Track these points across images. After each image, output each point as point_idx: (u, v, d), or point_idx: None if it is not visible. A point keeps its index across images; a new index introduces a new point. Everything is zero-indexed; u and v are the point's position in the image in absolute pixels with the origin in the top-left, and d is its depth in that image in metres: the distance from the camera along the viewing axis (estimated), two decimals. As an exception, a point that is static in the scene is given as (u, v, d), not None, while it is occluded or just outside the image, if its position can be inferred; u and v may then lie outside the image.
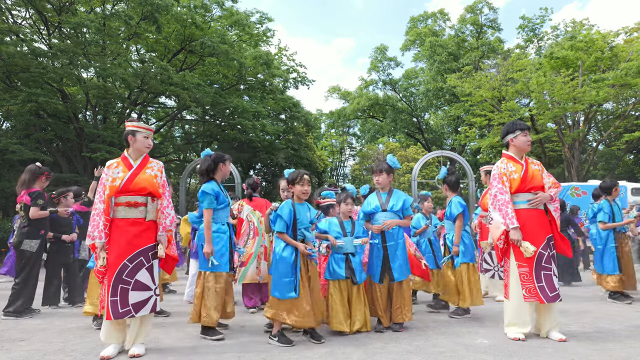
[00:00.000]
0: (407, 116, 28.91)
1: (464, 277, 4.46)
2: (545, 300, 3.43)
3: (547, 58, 19.01)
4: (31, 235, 4.97)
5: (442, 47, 26.11)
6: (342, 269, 3.88)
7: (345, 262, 3.90)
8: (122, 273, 3.13)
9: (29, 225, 4.99)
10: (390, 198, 4.08)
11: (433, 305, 4.97)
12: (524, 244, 3.49)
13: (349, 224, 4.04)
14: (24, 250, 4.95)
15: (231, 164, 4.55)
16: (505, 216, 3.55)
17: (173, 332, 3.94)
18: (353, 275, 3.87)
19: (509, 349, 3.22)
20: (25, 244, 4.95)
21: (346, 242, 3.94)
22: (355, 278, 3.87)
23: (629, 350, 3.16)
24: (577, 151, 19.31)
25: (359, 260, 3.96)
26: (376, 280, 3.97)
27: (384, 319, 3.92)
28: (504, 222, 3.55)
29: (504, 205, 3.58)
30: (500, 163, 3.78)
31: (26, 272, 4.91)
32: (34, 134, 15.61)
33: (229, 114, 20.11)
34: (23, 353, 3.27)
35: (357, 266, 3.91)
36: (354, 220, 4.11)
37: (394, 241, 3.97)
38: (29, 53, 13.23)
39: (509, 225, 3.52)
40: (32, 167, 5.05)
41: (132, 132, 3.36)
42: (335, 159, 36.99)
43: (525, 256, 3.50)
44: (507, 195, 3.60)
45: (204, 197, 3.75)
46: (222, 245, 3.78)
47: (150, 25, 15.35)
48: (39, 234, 5.03)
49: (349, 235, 3.97)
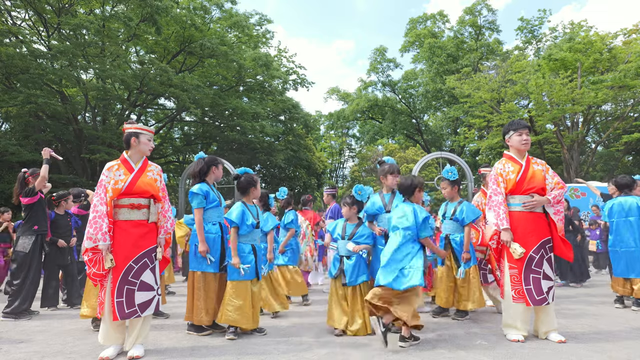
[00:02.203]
0: (406, 117, 28.94)
1: (471, 280, 4.44)
2: (531, 303, 3.44)
3: (546, 59, 19.05)
4: (26, 232, 4.98)
5: (441, 48, 26.15)
6: (335, 269, 3.96)
7: (340, 263, 3.94)
8: (128, 274, 3.15)
9: (25, 221, 5.02)
10: (394, 199, 4.07)
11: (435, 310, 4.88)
12: (513, 245, 3.51)
13: (351, 227, 4.05)
14: (17, 251, 4.96)
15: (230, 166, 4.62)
16: (497, 217, 3.58)
17: (172, 333, 3.94)
18: (343, 277, 3.89)
19: (508, 350, 3.23)
20: (19, 244, 4.96)
21: (340, 246, 3.98)
22: (344, 279, 3.88)
23: (628, 352, 3.16)
24: (576, 152, 19.33)
25: (354, 262, 3.90)
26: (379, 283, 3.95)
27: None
28: (495, 222, 3.59)
29: (497, 206, 3.61)
30: (498, 164, 3.78)
31: (23, 273, 4.90)
32: (33, 135, 15.61)
33: (228, 115, 20.12)
34: (22, 355, 3.26)
35: (349, 268, 3.88)
36: (362, 224, 4.07)
37: (382, 243, 3.94)
38: (28, 54, 13.24)
39: (500, 226, 3.55)
40: (19, 174, 5.11)
41: (136, 134, 3.35)
42: (334, 161, 37.00)
43: (514, 257, 3.51)
44: (501, 197, 3.62)
45: (192, 197, 3.86)
46: (211, 245, 3.83)
47: (150, 26, 15.37)
48: (33, 230, 5.01)
49: (346, 238, 3.98)
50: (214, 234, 3.88)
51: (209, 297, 3.79)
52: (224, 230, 4.01)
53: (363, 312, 3.82)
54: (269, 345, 3.49)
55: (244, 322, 3.66)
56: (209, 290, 3.80)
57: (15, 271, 4.98)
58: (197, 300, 3.76)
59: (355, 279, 3.88)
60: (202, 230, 3.80)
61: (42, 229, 5.12)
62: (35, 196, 5.00)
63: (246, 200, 4.03)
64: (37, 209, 5.07)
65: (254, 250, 3.89)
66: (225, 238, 3.98)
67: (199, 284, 3.78)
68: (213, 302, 3.82)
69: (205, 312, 3.75)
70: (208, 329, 3.87)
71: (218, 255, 3.86)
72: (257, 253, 3.92)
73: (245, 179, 4.04)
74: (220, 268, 3.88)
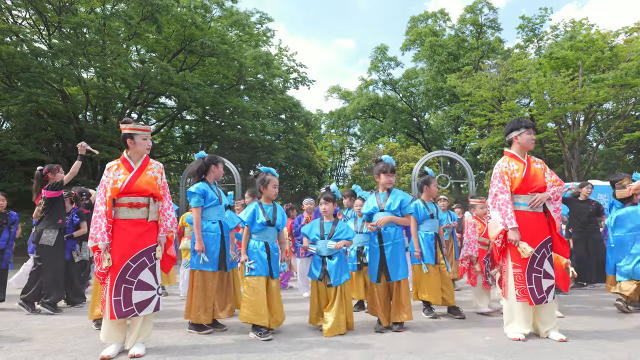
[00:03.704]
0: (407, 116, 28.92)
1: None
2: (533, 302, 3.44)
3: (547, 58, 19.00)
4: (50, 225, 5.00)
5: (442, 47, 26.13)
6: (317, 271, 3.95)
7: (322, 264, 3.94)
8: (126, 273, 3.15)
9: (48, 215, 5.03)
10: (388, 198, 4.07)
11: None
12: (521, 244, 3.49)
13: (329, 226, 4.05)
14: (42, 244, 4.98)
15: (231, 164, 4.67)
16: (504, 216, 3.54)
17: (173, 332, 3.94)
18: (327, 278, 3.89)
19: (509, 349, 3.22)
20: (43, 238, 4.98)
21: (320, 246, 3.97)
22: (329, 280, 3.88)
23: (629, 351, 3.15)
24: (577, 151, 19.30)
25: (336, 262, 3.92)
26: (374, 280, 3.98)
27: (383, 319, 3.92)
28: (502, 221, 3.54)
29: (504, 205, 3.57)
30: (502, 161, 3.76)
31: (51, 266, 4.97)
32: (34, 134, 15.61)
33: (229, 114, 20.12)
34: (23, 353, 3.27)
35: (332, 268, 3.89)
36: (338, 221, 4.12)
37: (390, 241, 3.96)
38: (29, 53, 13.23)
39: (508, 226, 3.51)
40: (36, 173, 5.12)
41: (130, 135, 3.33)
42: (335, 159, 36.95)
43: (522, 257, 3.50)
44: (508, 195, 3.58)
45: (190, 196, 3.90)
46: (210, 243, 3.85)
47: (151, 25, 15.36)
48: (57, 224, 5.06)
49: (326, 237, 3.98)
50: (213, 232, 3.89)
51: (207, 295, 3.81)
52: (225, 228, 4.02)
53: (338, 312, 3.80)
54: (270, 343, 3.49)
55: (255, 318, 3.64)
56: (206, 288, 3.82)
57: (43, 265, 4.99)
58: (195, 299, 3.78)
59: (340, 278, 3.90)
60: (199, 228, 3.83)
61: (64, 224, 5.25)
62: (60, 190, 5.06)
63: (263, 200, 4.01)
64: (59, 204, 5.15)
65: (267, 248, 3.86)
66: (226, 236, 3.98)
67: (198, 282, 3.81)
68: (211, 300, 3.83)
69: (203, 310, 3.77)
70: (209, 327, 3.88)
71: (217, 253, 3.87)
72: (271, 251, 3.87)
73: (258, 179, 4.03)
74: (220, 266, 3.88)
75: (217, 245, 3.88)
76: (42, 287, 5.04)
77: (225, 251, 3.94)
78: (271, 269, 3.82)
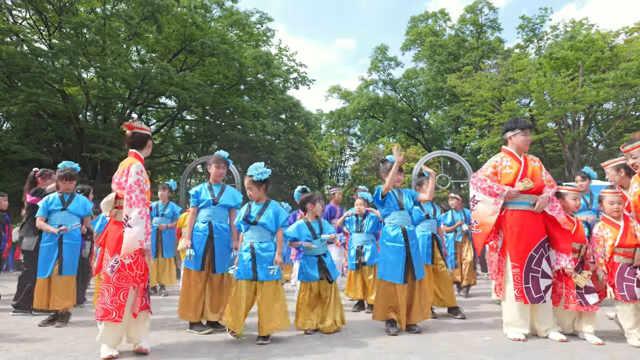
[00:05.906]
0: (407, 116, 28.90)
1: None
2: (529, 301, 3.45)
3: (547, 58, 18.98)
4: (29, 230, 4.98)
5: (442, 47, 26.10)
6: (315, 271, 3.95)
7: (318, 263, 3.97)
8: None
9: (27, 221, 5.03)
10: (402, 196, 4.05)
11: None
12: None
13: (316, 225, 4.09)
14: (23, 250, 4.99)
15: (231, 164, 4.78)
16: (490, 188, 3.58)
17: (173, 331, 3.94)
18: (328, 275, 3.94)
19: (509, 349, 3.22)
20: (24, 243, 4.97)
21: (318, 245, 4.01)
22: (330, 277, 3.95)
23: (629, 350, 3.16)
24: (578, 151, 19.28)
25: (330, 259, 4.07)
26: (398, 281, 3.77)
27: (402, 322, 3.76)
28: (492, 195, 3.57)
29: (482, 182, 3.64)
30: (496, 156, 3.80)
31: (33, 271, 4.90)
32: (34, 134, 15.62)
33: (229, 114, 20.13)
34: (23, 353, 3.26)
35: (329, 265, 4.01)
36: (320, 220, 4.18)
37: (415, 240, 3.96)
38: (29, 53, 13.23)
39: (502, 192, 3.54)
40: (30, 174, 5.15)
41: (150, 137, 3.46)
42: (335, 159, 36.94)
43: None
44: (489, 180, 3.64)
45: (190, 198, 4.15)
46: (195, 242, 3.93)
47: (151, 25, 15.36)
48: (36, 229, 4.99)
49: (318, 236, 4.02)
50: (200, 232, 3.96)
51: (190, 293, 3.87)
52: (215, 229, 3.98)
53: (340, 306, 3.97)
54: (270, 343, 3.49)
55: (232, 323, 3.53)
56: (190, 286, 3.89)
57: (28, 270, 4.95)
58: (181, 295, 3.94)
59: (335, 273, 4.04)
60: (190, 227, 4.01)
61: None
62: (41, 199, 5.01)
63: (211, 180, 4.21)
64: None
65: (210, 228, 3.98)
66: (217, 238, 3.97)
67: (184, 279, 3.96)
68: (194, 299, 3.85)
69: (187, 308, 3.85)
70: (209, 327, 3.88)
71: (201, 253, 3.89)
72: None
73: None
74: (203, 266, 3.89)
75: (201, 245, 3.91)
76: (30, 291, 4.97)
77: (213, 253, 3.92)
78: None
